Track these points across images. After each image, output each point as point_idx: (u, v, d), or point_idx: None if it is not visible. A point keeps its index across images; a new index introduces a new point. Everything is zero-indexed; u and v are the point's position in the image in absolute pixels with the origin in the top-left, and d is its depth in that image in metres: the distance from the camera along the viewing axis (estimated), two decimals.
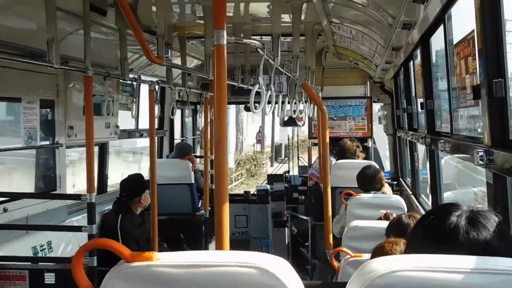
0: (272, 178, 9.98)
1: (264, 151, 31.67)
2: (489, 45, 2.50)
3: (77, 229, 4.51)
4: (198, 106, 9.47)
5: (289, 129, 17.46)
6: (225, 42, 2.39)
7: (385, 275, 1.21)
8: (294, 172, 10.93)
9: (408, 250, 1.51)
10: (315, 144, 8.33)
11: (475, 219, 1.41)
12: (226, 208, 2.36)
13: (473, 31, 2.80)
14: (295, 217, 8.64)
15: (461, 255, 1.26)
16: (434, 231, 1.43)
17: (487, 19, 2.49)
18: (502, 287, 1.17)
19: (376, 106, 9.84)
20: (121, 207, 5.74)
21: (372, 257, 2.60)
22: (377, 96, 9.25)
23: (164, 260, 1.36)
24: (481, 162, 2.55)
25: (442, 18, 3.77)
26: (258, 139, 33.25)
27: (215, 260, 1.36)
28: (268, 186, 9.31)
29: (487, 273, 1.18)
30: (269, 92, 3.20)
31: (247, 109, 10.53)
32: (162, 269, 1.34)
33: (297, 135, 13.80)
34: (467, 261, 1.22)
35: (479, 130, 3.20)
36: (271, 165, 27.30)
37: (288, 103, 5.34)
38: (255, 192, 9.10)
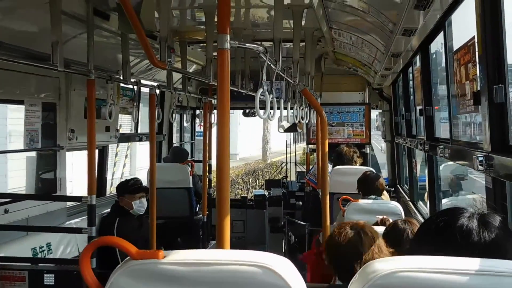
0: (269, 184, 9.97)
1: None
2: (490, 51, 2.52)
3: (78, 231, 4.52)
4: (197, 111, 9.50)
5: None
6: (228, 46, 2.40)
7: (387, 275, 1.22)
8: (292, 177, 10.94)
9: (414, 252, 1.50)
10: (313, 150, 8.36)
11: (487, 221, 1.43)
12: (227, 209, 2.35)
13: (473, 37, 2.83)
14: (292, 223, 8.59)
15: (461, 257, 1.26)
16: (446, 233, 1.44)
17: (487, 25, 2.52)
18: None
19: (374, 113, 9.86)
20: (119, 210, 5.74)
21: None
22: (375, 103, 9.27)
23: (171, 257, 1.37)
24: (480, 167, 2.57)
25: (442, 24, 3.80)
26: None
27: (222, 258, 1.36)
28: (266, 192, 9.30)
29: (488, 275, 1.20)
30: (271, 97, 3.21)
31: (246, 114, 10.54)
32: (168, 267, 1.35)
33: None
34: (468, 263, 1.23)
35: (477, 137, 3.22)
36: None
37: (290, 108, 5.35)
38: (252, 197, 9.08)
